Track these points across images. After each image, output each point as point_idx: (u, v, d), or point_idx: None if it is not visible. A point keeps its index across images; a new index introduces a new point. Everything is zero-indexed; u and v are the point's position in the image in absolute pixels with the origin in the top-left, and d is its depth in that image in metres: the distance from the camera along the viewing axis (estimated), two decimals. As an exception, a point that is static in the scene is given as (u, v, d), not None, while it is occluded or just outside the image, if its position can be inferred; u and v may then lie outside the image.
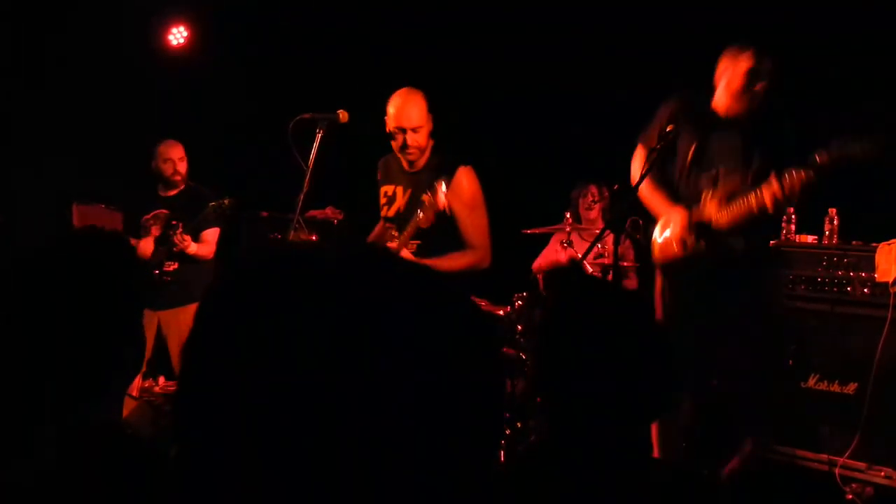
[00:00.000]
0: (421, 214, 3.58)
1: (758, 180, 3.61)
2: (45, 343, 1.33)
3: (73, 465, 1.27)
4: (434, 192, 3.54)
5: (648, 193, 3.85)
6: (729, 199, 3.67)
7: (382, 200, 3.99)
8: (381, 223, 4.08)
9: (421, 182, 3.77)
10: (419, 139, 3.77)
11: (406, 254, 3.63)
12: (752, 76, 3.66)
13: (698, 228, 3.72)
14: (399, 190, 3.91)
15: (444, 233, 3.70)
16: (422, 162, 3.84)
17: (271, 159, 4.44)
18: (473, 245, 3.77)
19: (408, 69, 6.04)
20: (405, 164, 3.87)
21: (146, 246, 4.78)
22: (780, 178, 3.49)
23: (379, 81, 6.16)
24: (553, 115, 5.93)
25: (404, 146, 3.77)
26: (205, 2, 6.77)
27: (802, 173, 3.45)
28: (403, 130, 3.75)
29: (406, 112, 3.76)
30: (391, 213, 3.93)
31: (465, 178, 3.76)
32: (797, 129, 3.76)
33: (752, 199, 3.58)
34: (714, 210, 3.70)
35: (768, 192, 3.52)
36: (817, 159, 3.42)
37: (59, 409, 1.32)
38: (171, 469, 1.35)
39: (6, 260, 1.43)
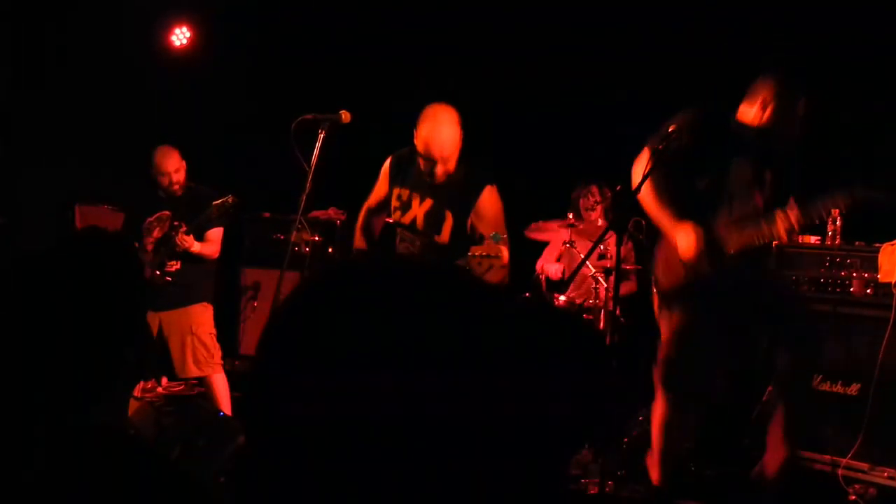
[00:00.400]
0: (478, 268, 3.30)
1: (769, 207, 3.49)
2: (48, 345, 1.32)
3: (76, 467, 1.26)
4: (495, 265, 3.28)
5: (652, 202, 3.58)
6: (740, 222, 3.51)
7: (395, 203, 3.80)
8: (364, 211, 3.96)
9: (443, 195, 3.66)
10: (449, 166, 3.61)
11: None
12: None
13: (710, 249, 3.50)
14: (416, 198, 3.74)
15: (460, 249, 3.50)
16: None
17: (273, 160, 4.43)
18: None
19: (408, 69, 6.07)
20: (426, 176, 3.68)
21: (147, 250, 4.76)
22: (803, 208, 3.38)
23: (380, 81, 6.18)
24: (554, 115, 5.92)
25: (432, 172, 3.60)
26: (208, 3, 6.77)
27: (829, 205, 3.38)
28: (434, 161, 3.57)
29: (438, 141, 3.55)
30: (405, 220, 3.78)
31: (491, 197, 3.64)
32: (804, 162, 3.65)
33: (764, 226, 3.44)
34: (730, 235, 3.51)
35: (784, 221, 3.38)
36: (844, 198, 3.35)
37: (62, 412, 1.32)
38: (173, 470, 1.35)
39: (8, 261, 1.43)
